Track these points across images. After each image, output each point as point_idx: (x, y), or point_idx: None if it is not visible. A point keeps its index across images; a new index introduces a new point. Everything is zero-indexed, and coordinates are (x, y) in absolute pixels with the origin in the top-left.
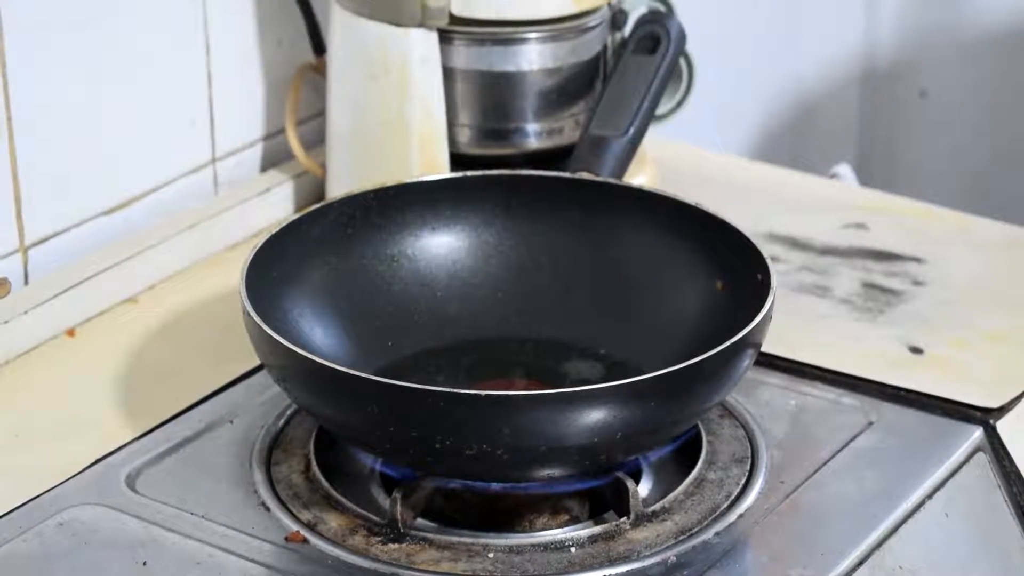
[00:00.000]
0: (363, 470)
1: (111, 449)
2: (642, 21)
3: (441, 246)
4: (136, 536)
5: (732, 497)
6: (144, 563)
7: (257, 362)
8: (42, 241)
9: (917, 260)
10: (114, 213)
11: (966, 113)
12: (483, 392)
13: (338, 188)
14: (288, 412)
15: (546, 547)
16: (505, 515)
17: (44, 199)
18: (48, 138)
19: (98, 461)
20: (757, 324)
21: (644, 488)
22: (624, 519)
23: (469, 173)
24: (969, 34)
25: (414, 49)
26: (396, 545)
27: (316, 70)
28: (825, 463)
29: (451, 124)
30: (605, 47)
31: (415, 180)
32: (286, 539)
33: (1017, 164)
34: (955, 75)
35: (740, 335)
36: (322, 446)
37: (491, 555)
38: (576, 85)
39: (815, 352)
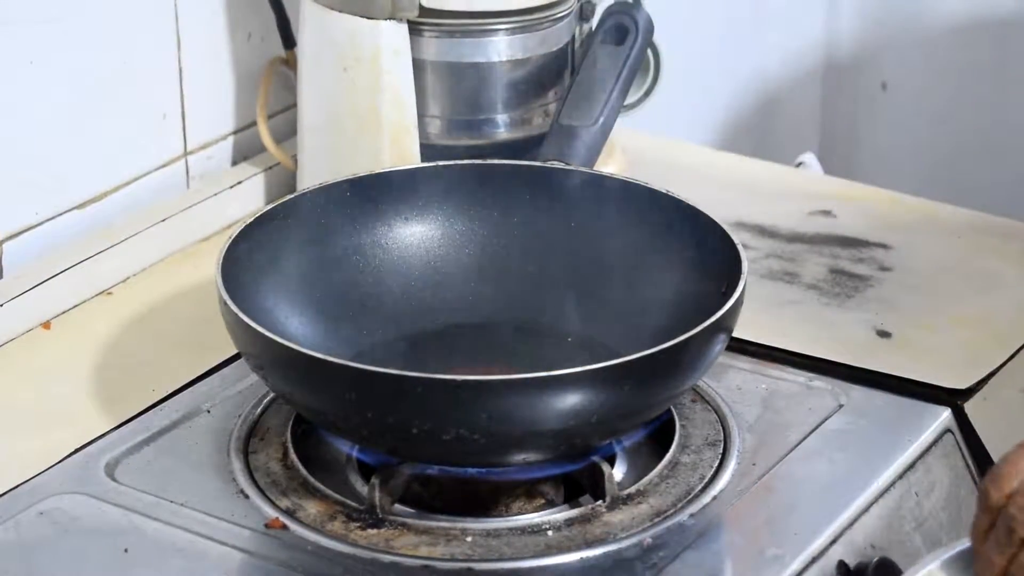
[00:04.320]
0: (340, 457)
1: (90, 439)
2: (610, 12)
3: (414, 235)
4: (117, 524)
5: (706, 480)
6: (125, 550)
7: (233, 352)
8: (16, 235)
9: (883, 246)
10: (87, 207)
11: (927, 104)
12: (460, 377)
13: (309, 180)
14: (265, 401)
15: (523, 531)
16: (482, 500)
17: (18, 193)
18: (20, 133)
19: (77, 451)
20: (729, 308)
21: (619, 472)
22: (600, 502)
23: (441, 163)
24: (929, 26)
25: (384, 41)
26: (375, 530)
27: (286, 63)
28: (796, 445)
29: (422, 115)
30: (573, 38)
31: (387, 170)
32: (266, 526)
33: (976, 154)
34: (916, 67)
35: (713, 319)
36: (299, 434)
37: (469, 539)
38: (545, 76)
39: (785, 337)
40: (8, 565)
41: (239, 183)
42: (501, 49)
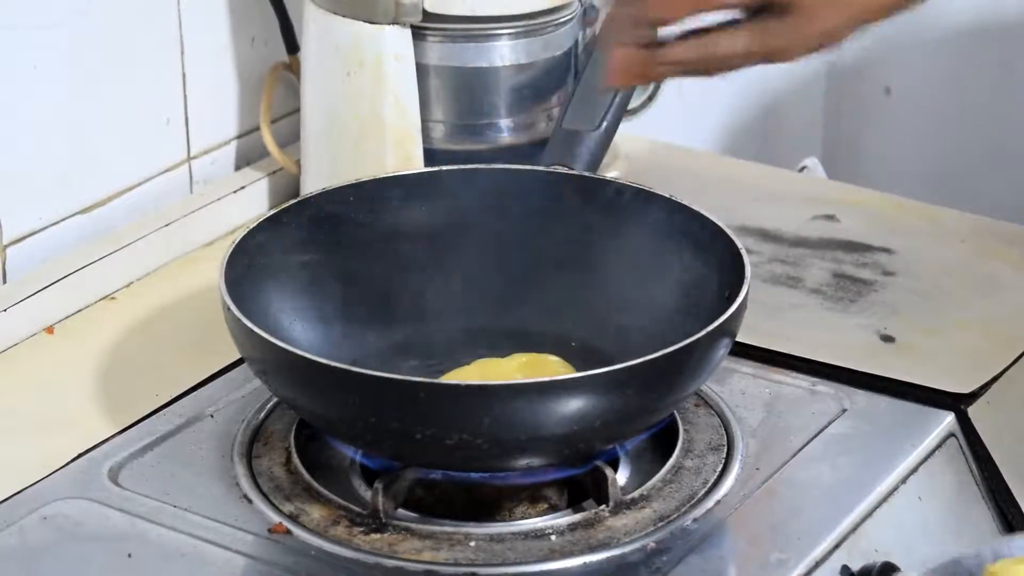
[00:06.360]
0: (344, 462)
1: (93, 444)
2: None
3: (417, 240)
4: (120, 529)
5: (709, 484)
6: (129, 555)
7: (236, 357)
8: (20, 240)
9: (887, 251)
10: (91, 212)
11: (930, 108)
12: (463, 382)
13: (313, 185)
14: (268, 406)
15: (527, 535)
16: (485, 504)
17: (21, 198)
18: (24, 138)
19: (80, 456)
20: (732, 313)
21: (622, 476)
22: (603, 507)
23: (444, 168)
24: (932, 31)
25: (388, 46)
26: (378, 535)
27: (290, 68)
28: (800, 450)
29: (425, 120)
30: (576, 42)
31: (390, 175)
32: (269, 530)
33: (979, 158)
34: (918, 72)
35: (716, 324)
36: (302, 439)
37: (472, 544)
38: (548, 80)
39: (788, 341)
40: (11, 570)
41: (242, 188)
42: (504, 54)
